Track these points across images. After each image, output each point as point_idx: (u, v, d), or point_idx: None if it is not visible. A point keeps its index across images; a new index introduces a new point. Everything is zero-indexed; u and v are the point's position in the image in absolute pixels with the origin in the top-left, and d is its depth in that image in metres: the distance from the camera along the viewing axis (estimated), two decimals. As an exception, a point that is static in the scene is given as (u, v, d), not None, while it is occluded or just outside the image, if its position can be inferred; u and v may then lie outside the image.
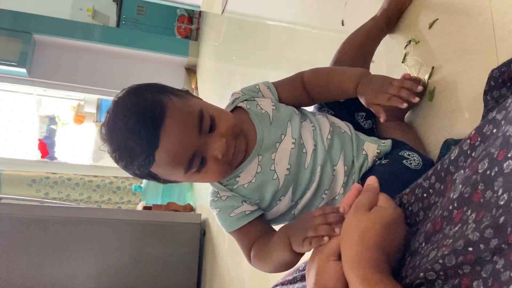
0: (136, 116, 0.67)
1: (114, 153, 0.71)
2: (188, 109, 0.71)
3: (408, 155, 0.75)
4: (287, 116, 0.80)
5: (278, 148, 0.77)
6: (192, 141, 0.69)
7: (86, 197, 4.29)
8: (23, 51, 3.86)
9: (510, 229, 0.37)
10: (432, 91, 0.81)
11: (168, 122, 0.67)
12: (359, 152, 0.79)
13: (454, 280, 0.44)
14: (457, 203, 0.46)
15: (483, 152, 0.44)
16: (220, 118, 0.73)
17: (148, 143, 0.67)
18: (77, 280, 2.77)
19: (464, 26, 0.75)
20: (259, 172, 0.76)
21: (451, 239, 0.45)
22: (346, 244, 0.53)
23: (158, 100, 0.69)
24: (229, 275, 2.28)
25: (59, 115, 5.18)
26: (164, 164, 0.70)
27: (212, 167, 0.72)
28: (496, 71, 0.62)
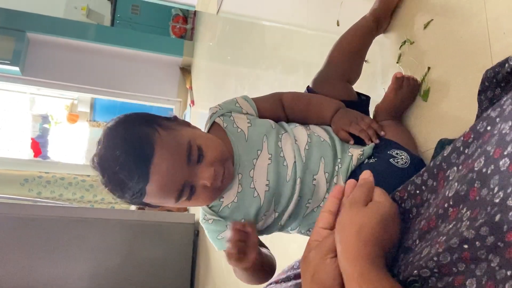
0: (126, 152, 0.70)
1: (107, 186, 0.74)
2: (176, 143, 0.73)
3: (396, 153, 0.76)
4: (263, 131, 0.82)
5: (255, 165, 0.79)
6: (180, 173, 0.72)
7: (79, 196, 4.27)
8: (17, 50, 3.83)
9: (506, 227, 0.38)
10: (427, 91, 0.81)
11: (157, 157, 0.70)
12: (345, 154, 0.81)
13: (448, 277, 0.44)
14: (452, 201, 0.46)
15: (477, 149, 0.45)
16: (208, 147, 0.75)
17: (138, 179, 0.70)
18: (69, 280, 2.75)
19: (459, 27, 0.75)
20: (240, 191, 0.79)
21: (445, 236, 0.45)
22: (342, 239, 0.52)
23: (147, 135, 0.72)
24: (222, 275, 2.28)
25: (53, 114, 5.16)
26: (154, 196, 0.73)
27: (201, 195, 0.75)
28: (491, 72, 0.62)
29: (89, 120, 5.06)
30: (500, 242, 0.38)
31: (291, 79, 1.62)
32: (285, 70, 1.73)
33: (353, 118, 0.83)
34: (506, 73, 0.60)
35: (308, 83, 1.43)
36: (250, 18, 2.44)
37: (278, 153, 0.79)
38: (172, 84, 4.45)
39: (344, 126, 0.82)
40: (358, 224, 0.51)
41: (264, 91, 1.92)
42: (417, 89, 0.85)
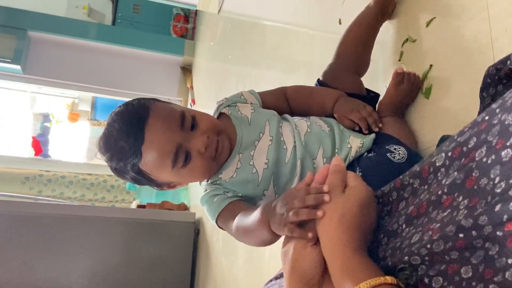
0: (123, 120, 0.76)
1: (109, 157, 0.78)
2: (170, 110, 0.79)
3: (395, 149, 0.78)
4: (266, 116, 0.86)
5: (256, 146, 0.82)
6: (174, 135, 0.76)
7: (80, 195, 4.27)
8: (18, 48, 3.84)
9: (506, 216, 0.38)
10: (429, 89, 0.81)
11: (151, 119, 0.75)
12: (343, 145, 0.83)
13: (440, 265, 0.45)
14: (447, 188, 0.46)
15: (472, 137, 0.45)
16: (201, 117, 0.80)
17: (134, 139, 0.74)
18: (70, 278, 2.76)
19: (461, 24, 0.76)
20: (239, 167, 0.82)
21: (439, 223, 0.45)
22: (324, 227, 0.52)
23: (143, 104, 0.78)
24: (223, 274, 2.28)
25: (53, 113, 5.16)
26: (151, 158, 0.76)
27: (197, 162, 0.78)
28: (492, 69, 0.63)
29: (89, 119, 5.06)
30: (499, 231, 0.39)
31: (292, 79, 1.63)
32: (286, 70, 1.73)
33: (355, 106, 0.85)
34: (508, 70, 0.60)
35: (309, 82, 1.44)
36: (251, 18, 2.44)
37: (279, 137, 0.83)
38: (173, 83, 4.46)
39: (346, 114, 0.85)
40: (339, 212, 0.52)
41: (265, 90, 1.92)
42: (418, 85, 0.85)
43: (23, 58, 3.88)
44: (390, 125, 0.85)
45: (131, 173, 0.78)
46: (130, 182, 0.83)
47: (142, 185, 0.84)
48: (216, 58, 3.27)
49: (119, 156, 0.76)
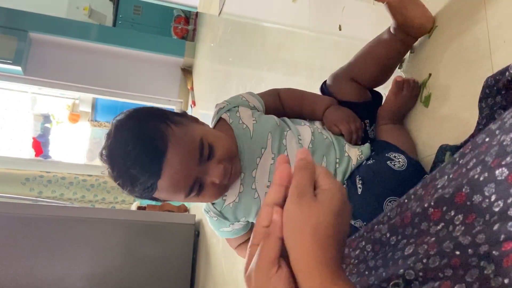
0: (139, 147, 0.69)
1: (117, 180, 0.73)
2: (188, 139, 0.73)
3: (394, 156, 0.77)
4: (268, 128, 0.82)
5: (258, 164, 0.79)
6: (193, 170, 0.72)
7: (80, 196, 4.27)
8: (19, 49, 3.84)
9: (504, 236, 0.38)
10: (428, 97, 0.82)
11: (170, 153, 0.70)
12: (342, 155, 0.82)
13: (433, 282, 0.45)
14: (434, 202, 0.46)
15: (473, 159, 0.45)
16: (218, 144, 0.75)
17: (150, 175, 0.69)
18: (69, 280, 2.76)
19: (460, 34, 0.76)
20: (242, 191, 0.80)
21: (434, 237, 0.45)
22: (295, 245, 0.42)
23: (160, 131, 0.71)
24: (223, 276, 2.28)
25: (54, 114, 5.17)
26: (165, 191, 0.73)
27: (210, 191, 0.76)
28: (491, 79, 0.63)
29: (90, 120, 5.06)
30: (495, 251, 0.39)
31: (293, 81, 1.63)
32: (287, 72, 1.73)
33: (345, 116, 0.85)
34: (507, 81, 0.61)
35: (310, 85, 1.45)
36: (252, 20, 2.45)
37: (282, 151, 0.80)
38: (173, 85, 4.46)
39: (337, 122, 0.85)
40: (311, 224, 0.42)
41: (265, 93, 1.93)
42: (417, 92, 0.84)
43: (24, 59, 3.88)
44: (390, 133, 0.85)
45: (138, 195, 0.75)
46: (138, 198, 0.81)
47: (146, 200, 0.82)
48: (217, 60, 3.27)
49: (129, 182, 0.72)
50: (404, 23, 0.80)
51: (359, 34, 1.16)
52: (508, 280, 0.37)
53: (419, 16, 0.80)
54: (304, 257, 0.41)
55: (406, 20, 0.80)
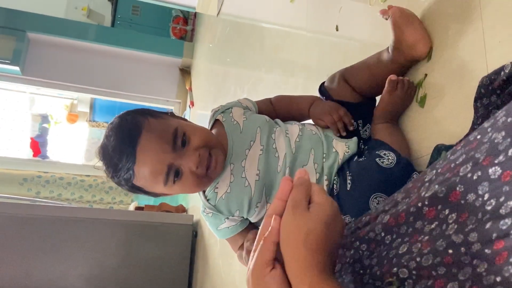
0: (118, 136, 0.78)
1: (106, 172, 0.81)
2: (162, 128, 0.79)
3: (384, 154, 0.78)
4: (257, 124, 0.87)
5: (247, 155, 0.83)
6: (166, 155, 0.76)
7: (78, 196, 4.27)
8: (17, 49, 3.84)
9: (495, 235, 0.39)
10: (424, 97, 0.82)
11: (143, 139, 0.76)
12: (330, 150, 0.85)
13: (427, 281, 0.45)
14: (428, 200, 0.47)
15: (462, 155, 0.45)
16: (194, 133, 0.80)
17: (127, 159, 0.76)
18: (67, 280, 2.76)
19: (455, 35, 0.76)
20: (232, 181, 0.83)
21: (427, 235, 0.46)
22: (288, 250, 0.48)
23: (136, 121, 0.79)
24: (220, 276, 2.28)
25: (52, 114, 5.16)
26: (143, 177, 0.78)
27: (188, 179, 0.79)
28: (486, 79, 0.63)
29: (88, 120, 5.06)
30: (487, 249, 0.39)
31: (291, 82, 1.63)
32: (284, 73, 1.74)
33: (327, 108, 0.88)
34: (502, 80, 0.61)
35: (307, 86, 1.45)
36: (250, 21, 2.45)
37: (271, 145, 0.83)
38: (171, 85, 4.46)
39: (320, 116, 0.89)
40: (303, 232, 0.48)
41: (263, 93, 1.93)
42: (412, 91, 0.84)
43: (22, 59, 3.88)
44: (383, 132, 0.86)
45: (124, 185, 0.81)
46: (128, 191, 0.84)
47: (140, 194, 0.85)
48: (215, 60, 3.27)
49: (114, 172, 0.78)
50: (399, 39, 0.81)
51: (356, 35, 1.16)
52: (500, 278, 0.38)
53: (416, 37, 0.80)
54: (296, 260, 0.47)
55: (402, 37, 0.80)
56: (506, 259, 0.37)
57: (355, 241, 0.59)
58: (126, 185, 0.80)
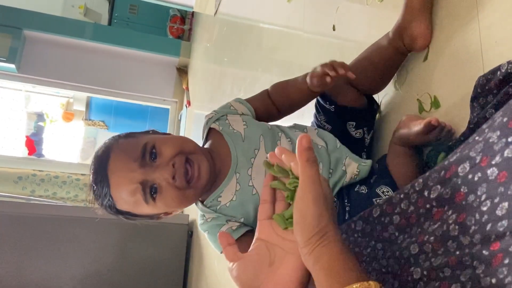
0: (93, 165, 0.78)
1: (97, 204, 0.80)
2: (130, 146, 0.77)
3: (383, 192, 0.77)
4: (259, 131, 0.83)
5: (253, 163, 0.79)
6: (134, 173, 0.73)
7: (73, 195, 4.25)
8: (13, 47, 3.82)
9: (494, 236, 0.38)
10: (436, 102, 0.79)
11: (111, 163, 0.75)
12: (338, 166, 0.82)
13: (435, 282, 0.45)
14: (436, 202, 0.47)
15: (457, 153, 0.45)
16: (164, 143, 0.76)
17: (101, 185, 0.76)
18: (61, 280, 2.74)
19: (452, 35, 0.76)
20: (238, 189, 0.79)
21: (432, 236, 0.45)
22: (302, 206, 0.51)
23: (106, 146, 0.79)
24: (215, 277, 2.28)
25: (48, 112, 5.14)
26: (122, 200, 0.76)
27: (168, 193, 0.75)
28: (483, 79, 0.63)
29: (84, 119, 5.04)
30: (485, 250, 0.39)
31: (287, 82, 1.63)
32: (281, 73, 1.73)
33: (318, 66, 0.82)
34: (498, 80, 0.61)
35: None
36: (247, 20, 2.45)
37: None
38: (168, 84, 4.45)
39: (312, 73, 0.82)
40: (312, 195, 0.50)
41: (260, 93, 1.92)
42: (447, 140, 0.72)
43: (18, 57, 3.86)
44: (397, 158, 0.80)
45: (116, 214, 0.79)
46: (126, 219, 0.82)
47: (136, 221, 0.82)
48: (212, 60, 3.27)
49: (98, 202, 0.78)
50: (405, 25, 0.80)
51: (353, 36, 1.16)
52: (496, 280, 0.37)
53: (420, 31, 0.80)
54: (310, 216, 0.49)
55: (409, 25, 0.80)
56: (501, 261, 0.37)
57: (371, 240, 0.59)
58: (112, 211, 0.79)
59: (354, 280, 0.43)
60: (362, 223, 0.62)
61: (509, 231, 0.37)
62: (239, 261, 0.56)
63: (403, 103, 0.88)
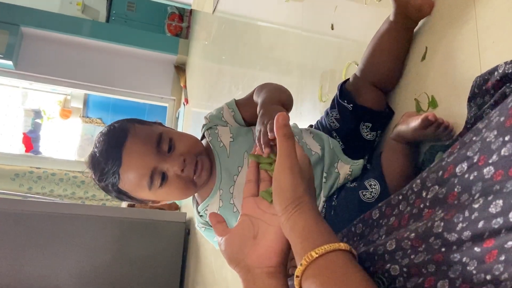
0: (105, 141, 0.81)
1: (93, 176, 0.83)
2: (148, 133, 0.81)
3: (370, 185, 0.78)
4: (244, 147, 0.86)
5: (235, 181, 0.83)
6: (150, 158, 0.78)
7: (70, 193, 4.24)
8: (10, 43, 3.81)
9: (487, 234, 0.39)
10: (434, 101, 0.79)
11: (128, 143, 0.78)
12: (331, 170, 0.84)
13: (417, 278, 0.45)
14: (429, 202, 0.47)
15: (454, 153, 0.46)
16: (180, 139, 0.82)
17: (112, 162, 0.78)
18: (58, 277, 2.74)
19: (450, 34, 0.76)
20: (222, 206, 0.84)
21: (413, 233, 0.46)
22: (279, 176, 0.55)
23: (123, 127, 0.82)
24: (212, 274, 2.28)
25: (45, 109, 5.13)
26: (128, 180, 0.79)
27: (174, 183, 0.80)
28: (480, 79, 0.64)
29: (81, 116, 5.03)
30: (477, 247, 0.39)
31: (285, 80, 1.63)
32: (279, 71, 1.73)
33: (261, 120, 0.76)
34: (496, 80, 0.61)
35: (302, 84, 1.45)
36: (245, 18, 2.44)
37: None
38: (166, 82, 4.45)
39: (257, 126, 0.78)
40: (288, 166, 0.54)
41: (258, 91, 1.92)
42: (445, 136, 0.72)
43: (15, 54, 3.85)
44: (391, 155, 0.80)
45: (113, 192, 0.83)
46: (116, 198, 0.85)
47: (126, 201, 0.86)
48: (210, 58, 3.27)
49: (101, 177, 0.80)
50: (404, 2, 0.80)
51: (351, 34, 1.16)
52: (491, 276, 0.38)
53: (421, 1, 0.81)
54: (287, 185, 0.53)
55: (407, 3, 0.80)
56: (496, 257, 0.37)
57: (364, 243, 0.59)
58: (112, 189, 0.81)
59: (326, 243, 0.46)
60: (362, 226, 0.62)
61: (504, 228, 0.37)
62: (226, 236, 0.61)
63: (401, 103, 0.88)
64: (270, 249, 0.56)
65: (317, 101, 1.27)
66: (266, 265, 0.55)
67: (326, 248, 0.45)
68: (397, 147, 0.80)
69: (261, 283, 0.54)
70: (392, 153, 0.81)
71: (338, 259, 0.45)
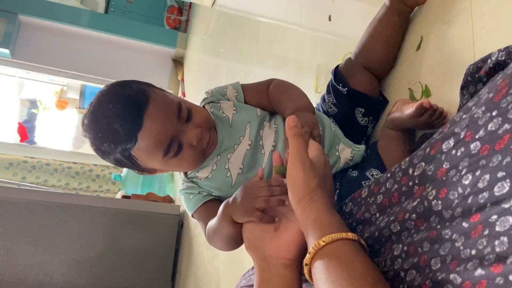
0: (122, 102, 0.74)
1: (97, 137, 0.75)
2: (168, 100, 0.78)
3: (372, 175, 0.79)
4: (247, 118, 0.86)
5: (235, 150, 0.84)
6: (171, 126, 0.76)
7: (64, 183, 4.23)
8: (7, 32, 3.78)
9: (474, 209, 0.39)
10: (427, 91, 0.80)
11: (151, 107, 0.74)
12: (332, 152, 0.84)
13: (413, 258, 0.45)
14: (418, 179, 0.48)
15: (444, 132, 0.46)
16: (196, 111, 0.81)
17: (132, 125, 0.73)
18: (50, 266, 2.73)
19: (444, 24, 0.77)
20: (214, 169, 0.84)
21: (414, 214, 0.46)
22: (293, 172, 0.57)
23: (143, 89, 0.77)
24: (204, 266, 2.28)
25: (41, 99, 5.10)
26: (145, 145, 0.75)
27: (187, 153, 0.79)
28: (473, 67, 0.64)
29: (78, 107, 5.01)
30: (465, 222, 0.39)
31: (281, 75, 1.63)
32: (276, 66, 1.74)
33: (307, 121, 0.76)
34: (489, 68, 0.61)
35: (297, 79, 1.45)
36: (244, 13, 2.44)
37: (258, 141, 0.83)
38: (163, 75, 4.43)
39: None
40: None
41: (254, 84, 1.92)
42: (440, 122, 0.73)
43: (12, 42, 3.82)
44: (388, 142, 0.81)
45: (118, 155, 0.77)
46: (111, 163, 0.81)
47: (123, 167, 0.84)
48: (208, 52, 3.26)
49: (110, 138, 0.74)
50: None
51: (349, 30, 1.16)
52: (476, 251, 0.38)
53: None
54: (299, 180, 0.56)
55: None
56: (481, 232, 0.38)
57: (352, 222, 0.60)
58: (120, 153, 0.75)
59: (335, 232, 0.48)
60: (351, 205, 0.63)
61: (489, 203, 0.37)
62: (250, 223, 0.65)
63: (395, 92, 0.89)
64: (290, 242, 0.59)
65: (313, 93, 1.28)
66: (283, 256, 0.58)
67: (333, 236, 0.47)
68: (392, 135, 0.81)
69: (276, 272, 0.57)
70: (388, 141, 0.82)
71: (345, 247, 0.47)
